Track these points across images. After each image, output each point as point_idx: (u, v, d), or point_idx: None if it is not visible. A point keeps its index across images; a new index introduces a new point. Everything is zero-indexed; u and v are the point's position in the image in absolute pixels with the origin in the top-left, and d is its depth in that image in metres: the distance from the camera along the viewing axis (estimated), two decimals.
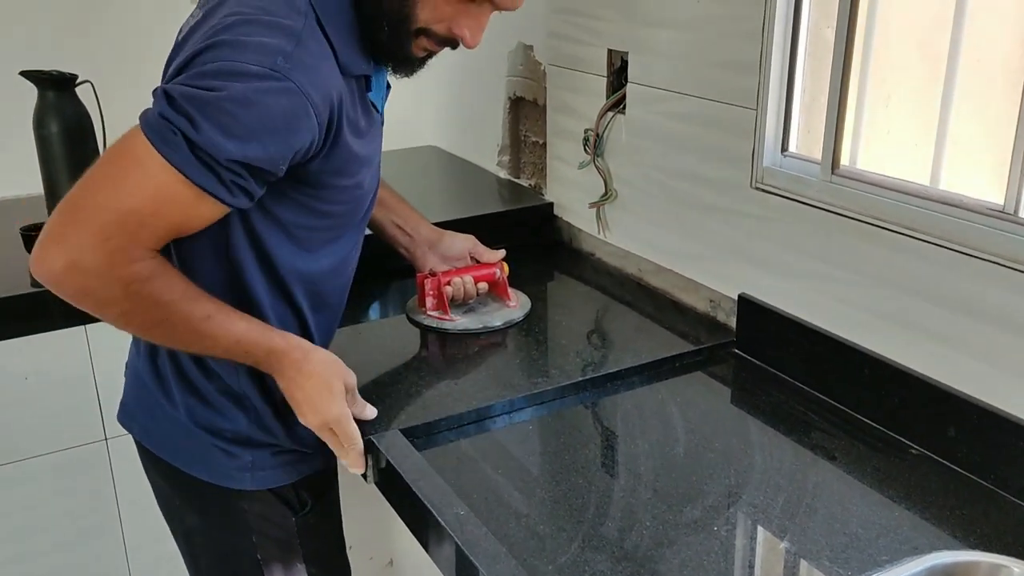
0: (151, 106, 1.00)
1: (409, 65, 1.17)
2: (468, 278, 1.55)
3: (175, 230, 1.04)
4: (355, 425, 1.18)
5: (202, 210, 1.03)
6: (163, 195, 0.99)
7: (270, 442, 1.24)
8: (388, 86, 1.28)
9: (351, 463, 1.20)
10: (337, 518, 1.41)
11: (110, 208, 0.99)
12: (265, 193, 1.07)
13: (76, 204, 1.00)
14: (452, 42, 1.13)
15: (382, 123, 1.26)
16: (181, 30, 1.13)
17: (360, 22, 1.09)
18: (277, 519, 1.26)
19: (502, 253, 1.59)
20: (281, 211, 1.12)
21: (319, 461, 1.29)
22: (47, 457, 1.70)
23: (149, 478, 1.32)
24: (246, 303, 1.15)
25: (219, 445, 1.22)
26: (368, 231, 1.36)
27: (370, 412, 1.23)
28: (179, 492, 1.29)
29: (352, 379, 1.20)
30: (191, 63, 1.00)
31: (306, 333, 1.23)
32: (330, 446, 1.20)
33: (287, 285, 1.18)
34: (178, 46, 1.11)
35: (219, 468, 1.22)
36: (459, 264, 1.57)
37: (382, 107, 1.24)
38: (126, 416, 1.31)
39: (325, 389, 1.15)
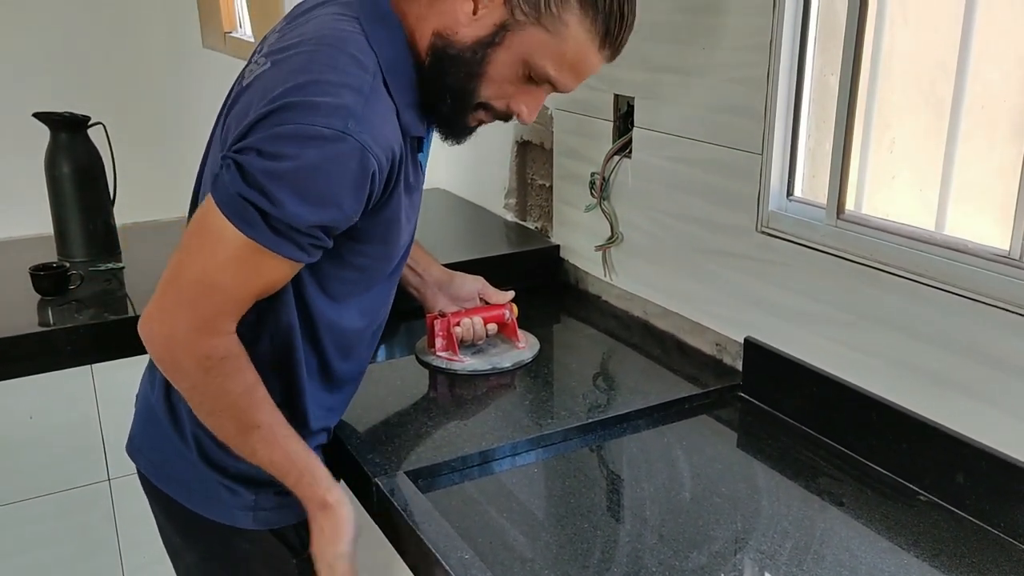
0: (222, 173, 1.00)
1: (462, 135, 1.18)
2: (478, 319, 1.55)
3: (258, 295, 1.07)
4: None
5: (282, 272, 1.06)
6: (246, 266, 1.03)
7: (273, 482, 1.23)
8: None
9: None
10: None
11: (200, 281, 1.03)
12: None
13: (173, 278, 1.05)
14: (507, 117, 1.15)
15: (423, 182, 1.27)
16: (243, 76, 1.13)
17: (421, 86, 1.10)
18: (277, 561, 1.25)
19: (511, 294, 1.60)
20: (322, 263, 1.12)
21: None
22: (50, 497, 1.70)
23: (153, 512, 1.32)
24: (282, 347, 1.16)
25: (224, 483, 1.21)
26: None
27: None
28: (180, 529, 1.28)
29: (349, 543, 1.18)
30: (260, 123, 1.00)
31: (331, 380, 1.23)
32: None
33: (318, 333, 1.18)
34: (241, 93, 1.10)
35: (221, 506, 1.22)
36: (468, 305, 1.58)
37: (426, 165, 1.24)
38: (133, 448, 1.30)
39: (337, 538, 1.15)
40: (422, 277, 1.55)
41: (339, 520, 1.14)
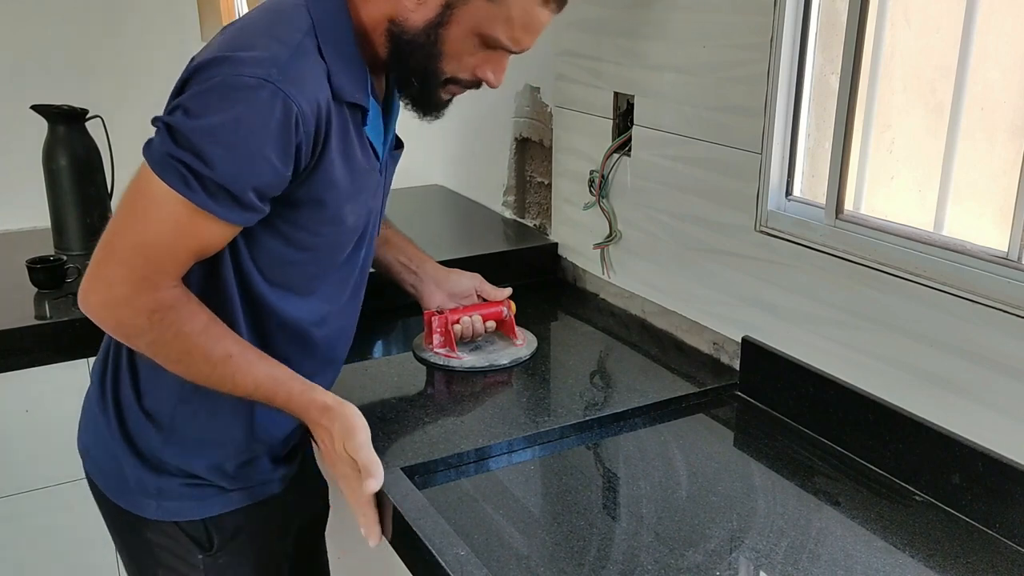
0: (154, 137, 1.03)
1: (438, 109, 1.21)
2: (476, 316, 1.55)
3: (196, 255, 1.08)
4: (363, 494, 1.13)
5: (218, 234, 1.07)
6: (182, 227, 1.04)
7: (182, 470, 1.21)
8: (400, 144, 1.31)
9: (367, 529, 1.15)
10: (262, 563, 1.31)
11: (136, 244, 1.05)
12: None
13: (106, 245, 1.06)
14: (477, 84, 1.18)
15: (383, 172, 1.25)
16: (194, 57, 1.14)
17: (366, 56, 1.13)
18: (182, 554, 1.23)
19: (508, 291, 1.60)
20: (262, 238, 1.12)
21: (238, 498, 1.24)
22: (46, 490, 1.69)
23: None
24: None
25: (130, 464, 1.20)
26: (372, 269, 1.37)
27: (369, 485, 1.12)
28: (106, 518, 1.29)
29: (357, 442, 1.13)
30: (189, 81, 1.03)
31: None
32: (350, 502, 1.15)
33: (265, 325, 1.18)
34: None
35: (130, 494, 1.22)
36: (466, 302, 1.58)
37: (384, 154, 1.23)
38: (79, 440, 1.32)
39: (351, 432, 1.11)
40: (417, 274, 1.54)
41: (347, 416, 1.11)
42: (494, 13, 1.09)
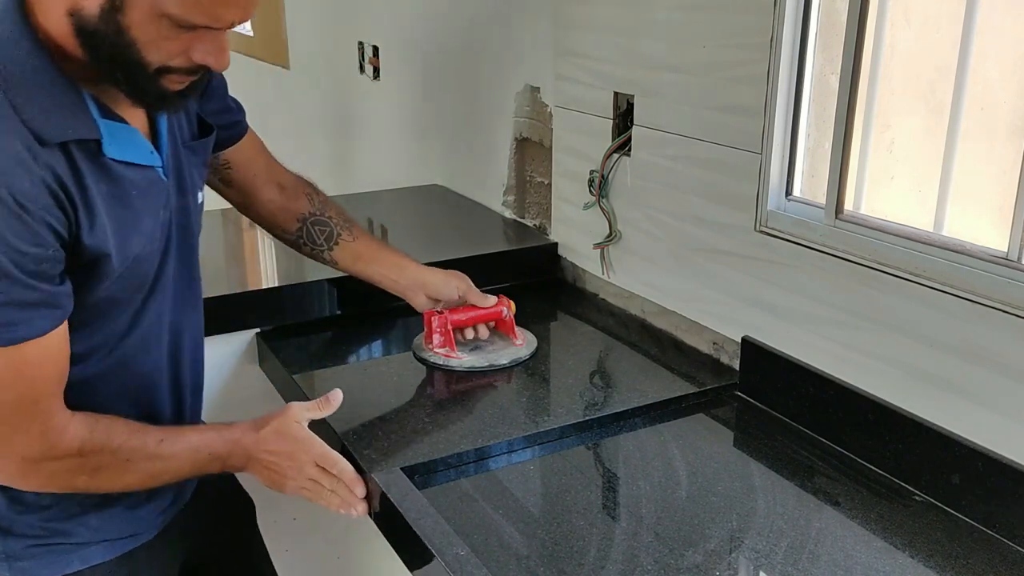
0: None
1: (169, 102, 1.05)
2: (482, 327, 1.56)
3: (58, 377, 1.02)
4: (344, 459, 1.18)
5: (44, 348, 0.99)
6: (11, 371, 0.97)
7: (28, 531, 1.13)
8: (207, 129, 1.21)
9: (350, 504, 1.18)
10: None
11: (5, 401, 0.98)
12: None
13: None
14: (198, 70, 1.04)
15: (171, 173, 1.12)
16: None
17: (72, 70, 0.98)
18: None
19: (494, 300, 1.56)
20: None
21: (98, 552, 1.17)
22: None
23: None
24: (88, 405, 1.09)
25: None
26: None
27: (335, 398, 1.21)
28: None
29: (299, 410, 1.19)
30: None
31: None
32: (322, 502, 1.19)
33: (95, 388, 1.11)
34: None
35: None
36: (451, 305, 1.56)
37: (165, 154, 1.11)
38: None
39: (288, 444, 1.15)
40: (399, 281, 1.52)
41: (272, 447, 1.15)
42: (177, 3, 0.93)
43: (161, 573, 1.25)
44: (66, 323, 1.01)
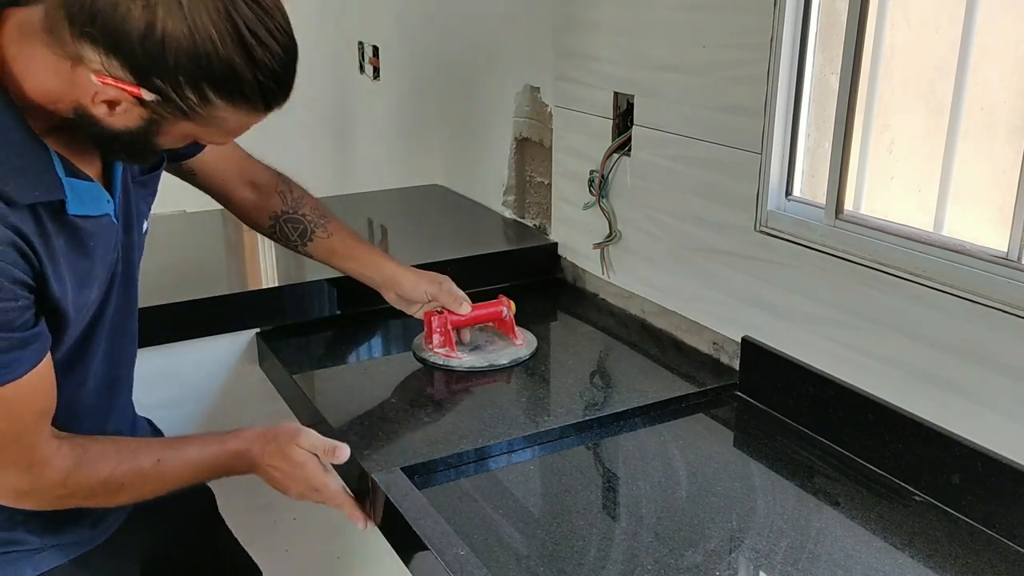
0: None
1: (158, 161, 1.12)
2: (465, 330, 1.57)
3: (41, 411, 1.03)
4: (335, 485, 1.19)
5: (29, 385, 0.99)
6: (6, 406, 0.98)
7: None
8: (156, 163, 1.19)
9: (354, 518, 1.20)
10: None
11: None
12: None
13: None
14: (199, 151, 1.10)
15: (122, 215, 1.12)
16: None
17: (39, 125, 0.97)
18: None
19: (468, 308, 1.54)
20: None
21: (48, 558, 1.15)
22: None
23: None
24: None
25: None
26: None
27: (342, 453, 1.18)
28: None
29: (308, 439, 1.18)
30: None
31: None
32: (331, 505, 1.21)
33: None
34: None
35: None
36: (419, 308, 1.55)
37: (117, 199, 1.10)
38: None
39: (287, 464, 1.17)
40: (372, 277, 1.53)
41: (274, 438, 1.16)
42: (207, 130, 0.98)
43: (122, 572, 1.25)
44: (48, 358, 1.01)
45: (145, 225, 1.19)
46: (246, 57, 0.90)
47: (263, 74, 0.92)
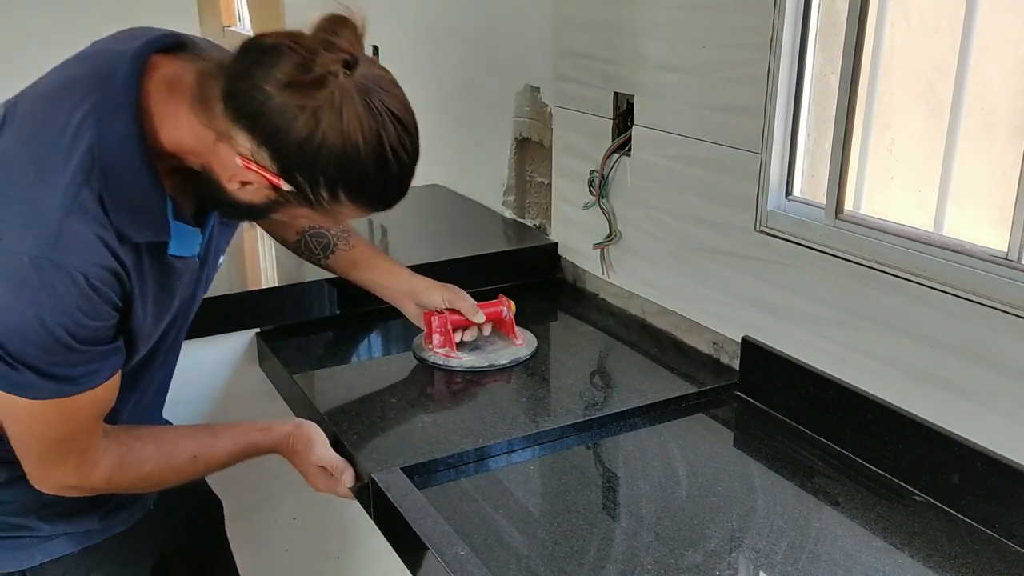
0: None
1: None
2: (468, 330, 1.57)
3: (100, 415, 1.08)
4: (342, 489, 1.28)
5: (97, 396, 1.05)
6: (61, 416, 1.03)
7: None
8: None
9: (348, 483, 1.27)
10: None
11: (48, 439, 1.05)
12: None
13: (28, 448, 1.06)
14: None
15: (205, 259, 1.19)
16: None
17: (163, 169, 1.03)
18: None
19: (482, 317, 1.55)
20: None
21: (60, 546, 1.18)
22: None
23: None
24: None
25: None
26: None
27: (348, 479, 1.27)
28: None
29: (320, 448, 1.27)
30: None
31: None
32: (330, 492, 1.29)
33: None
34: None
35: None
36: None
37: (203, 243, 1.16)
38: None
39: (310, 450, 1.26)
40: (390, 287, 1.56)
41: (302, 435, 1.26)
42: (320, 217, 1.07)
43: (129, 566, 1.27)
44: (119, 372, 1.07)
45: (221, 259, 1.26)
46: (382, 171, 0.99)
47: (391, 184, 1.03)
